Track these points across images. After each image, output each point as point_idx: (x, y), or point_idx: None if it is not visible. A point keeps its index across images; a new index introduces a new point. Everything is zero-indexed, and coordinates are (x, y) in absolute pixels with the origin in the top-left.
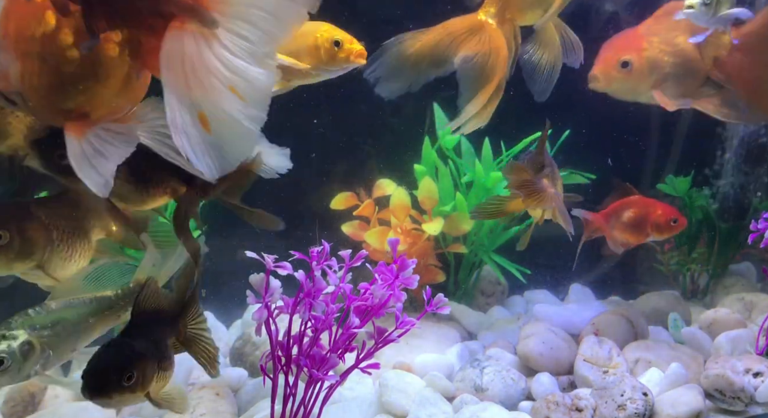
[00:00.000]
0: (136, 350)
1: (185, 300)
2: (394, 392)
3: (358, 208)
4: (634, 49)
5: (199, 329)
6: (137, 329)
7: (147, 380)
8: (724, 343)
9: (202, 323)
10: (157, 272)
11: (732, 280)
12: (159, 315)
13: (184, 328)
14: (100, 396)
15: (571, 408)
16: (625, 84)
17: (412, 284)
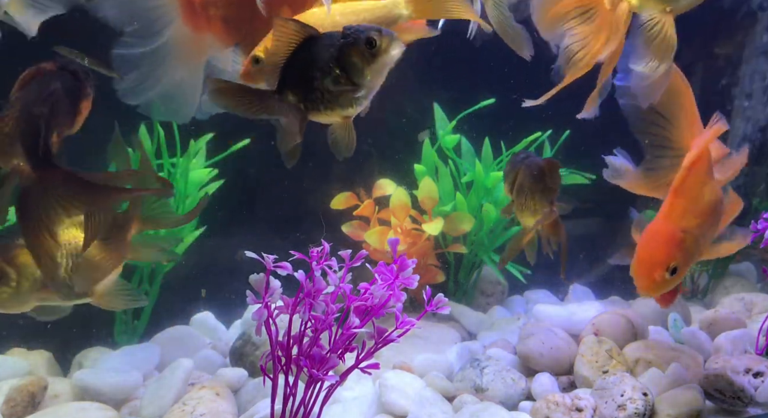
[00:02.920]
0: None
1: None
2: (394, 392)
3: (358, 208)
4: (675, 248)
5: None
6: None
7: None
8: (724, 343)
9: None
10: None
11: (732, 280)
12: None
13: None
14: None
15: (571, 408)
16: (678, 279)
17: (412, 284)
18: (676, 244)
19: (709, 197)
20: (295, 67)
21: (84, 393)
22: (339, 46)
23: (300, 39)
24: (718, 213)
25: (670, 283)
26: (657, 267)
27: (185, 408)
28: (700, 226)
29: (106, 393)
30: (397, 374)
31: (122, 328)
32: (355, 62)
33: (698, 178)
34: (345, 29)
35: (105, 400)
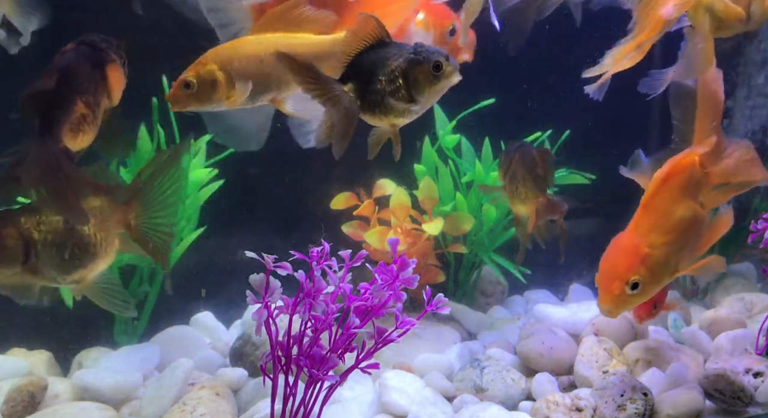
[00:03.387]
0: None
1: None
2: (394, 392)
3: (358, 208)
4: (639, 262)
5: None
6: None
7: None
8: (724, 343)
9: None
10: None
11: (732, 280)
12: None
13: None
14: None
15: (571, 408)
16: (642, 298)
17: (412, 284)
18: (639, 258)
19: (682, 215)
20: (362, 65)
21: (84, 393)
22: (408, 60)
23: (375, 39)
24: (695, 232)
25: (631, 299)
26: (616, 280)
27: (185, 408)
28: (670, 243)
29: (106, 393)
30: (397, 374)
31: (122, 328)
32: (419, 80)
33: (669, 194)
34: (417, 46)
35: (105, 400)
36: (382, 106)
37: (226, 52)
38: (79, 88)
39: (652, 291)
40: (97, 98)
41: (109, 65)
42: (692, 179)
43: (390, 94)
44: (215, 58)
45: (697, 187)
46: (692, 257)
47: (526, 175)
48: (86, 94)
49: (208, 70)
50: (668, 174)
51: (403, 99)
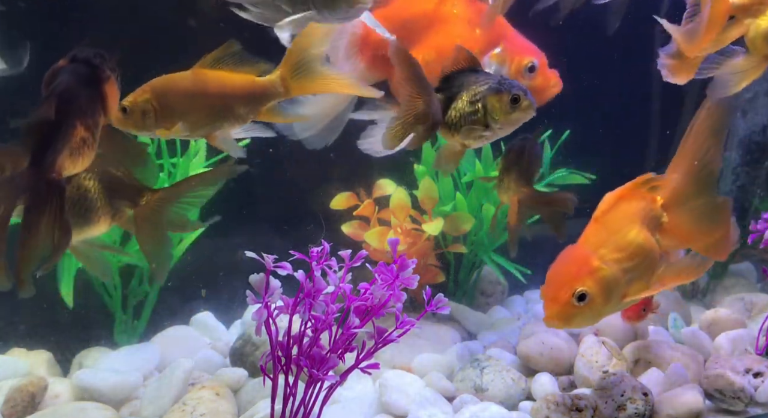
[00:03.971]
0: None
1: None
2: (394, 392)
3: (358, 208)
4: (586, 274)
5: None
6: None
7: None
8: (724, 343)
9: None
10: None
11: (732, 280)
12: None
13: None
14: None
15: (571, 408)
16: (587, 316)
17: (412, 284)
18: (589, 269)
19: (634, 238)
20: (451, 84)
21: (84, 393)
22: (491, 88)
23: (467, 65)
24: (647, 261)
25: (578, 313)
26: (563, 288)
27: (185, 408)
28: (620, 262)
29: (106, 393)
30: (397, 374)
31: (122, 328)
32: (497, 109)
33: (622, 214)
34: (502, 77)
35: (105, 400)
36: (458, 125)
37: (163, 84)
38: (79, 111)
39: (599, 310)
40: (96, 119)
41: (105, 83)
42: (648, 211)
43: (468, 115)
44: (153, 89)
45: (654, 221)
46: (642, 288)
47: (511, 166)
48: (85, 117)
49: (144, 99)
50: (622, 194)
51: (479, 123)
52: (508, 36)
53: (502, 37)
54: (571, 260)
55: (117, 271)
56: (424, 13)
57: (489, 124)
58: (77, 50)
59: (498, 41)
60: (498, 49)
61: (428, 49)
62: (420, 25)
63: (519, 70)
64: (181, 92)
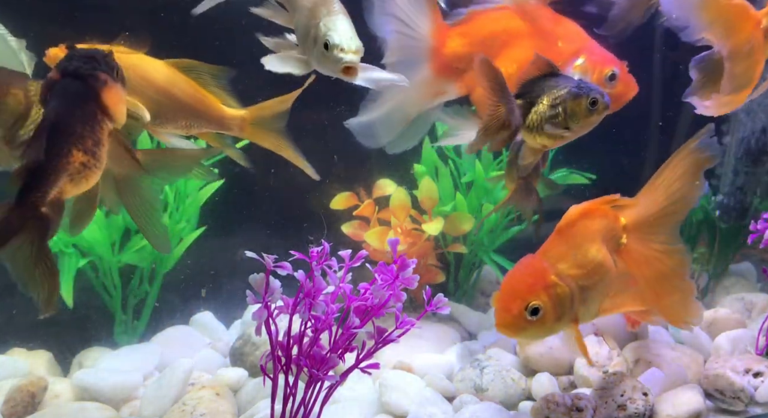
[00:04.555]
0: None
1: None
2: (394, 392)
3: (358, 208)
4: (542, 288)
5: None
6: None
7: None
8: (724, 343)
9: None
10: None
11: (732, 280)
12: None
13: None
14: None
15: (571, 408)
16: (537, 331)
17: (412, 284)
18: (545, 284)
19: (595, 257)
20: (532, 88)
21: (84, 393)
22: (571, 92)
23: (548, 70)
24: (605, 283)
25: (529, 327)
26: (517, 299)
27: (185, 408)
28: (578, 279)
29: (106, 393)
30: (397, 374)
31: (122, 328)
32: (576, 111)
33: (586, 230)
34: (581, 81)
35: (105, 400)
36: (540, 126)
37: (137, 67)
38: (72, 140)
39: (550, 326)
40: (97, 136)
41: (102, 91)
42: (610, 229)
43: (549, 118)
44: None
45: (613, 241)
46: (593, 311)
47: (512, 160)
48: (83, 141)
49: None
50: (587, 210)
51: (559, 125)
52: (588, 47)
53: (583, 49)
54: (528, 271)
55: (117, 271)
56: (506, 29)
57: (569, 125)
58: (65, 60)
59: (580, 52)
60: (580, 60)
61: (510, 62)
62: (502, 41)
63: (601, 80)
64: (153, 81)
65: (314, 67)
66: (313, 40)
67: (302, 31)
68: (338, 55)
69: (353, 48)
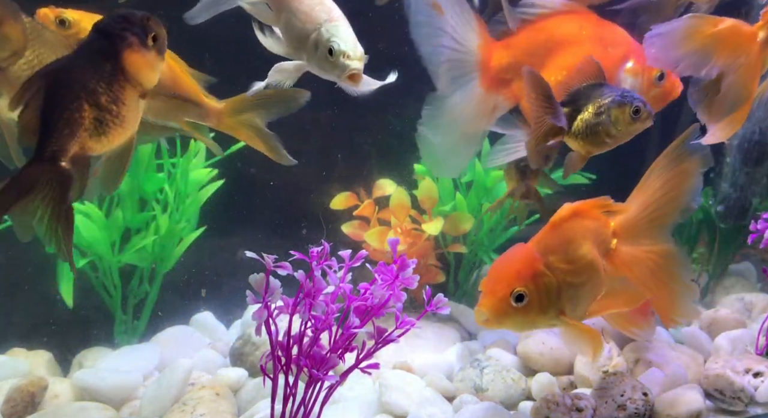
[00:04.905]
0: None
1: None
2: (394, 392)
3: (358, 208)
4: (530, 276)
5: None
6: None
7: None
8: (724, 343)
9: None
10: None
11: (732, 280)
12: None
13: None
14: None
15: (571, 408)
16: (521, 320)
17: (412, 284)
18: (533, 272)
19: (586, 255)
20: (578, 96)
21: (84, 393)
22: (615, 101)
23: (595, 78)
24: (594, 283)
25: (512, 314)
26: (502, 283)
27: (185, 408)
28: (567, 274)
29: (106, 393)
30: (397, 374)
31: (122, 328)
32: (620, 119)
33: (579, 228)
34: (624, 91)
35: (105, 400)
36: (584, 133)
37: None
38: (82, 93)
39: (533, 318)
40: (114, 95)
41: (125, 51)
42: (599, 233)
43: (593, 125)
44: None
45: (603, 245)
46: (580, 312)
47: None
48: (95, 96)
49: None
50: (580, 209)
51: (603, 132)
52: (635, 50)
53: (630, 52)
54: (518, 258)
55: (117, 271)
56: (551, 37)
57: (612, 133)
58: (104, 18)
59: (628, 56)
60: (630, 63)
61: (558, 69)
62: (547, 49)
63: (650, 80)
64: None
65: (312, 71)
66: (314, 46)
67: (296, 34)
68: (345, 62)
69: (358, 55)
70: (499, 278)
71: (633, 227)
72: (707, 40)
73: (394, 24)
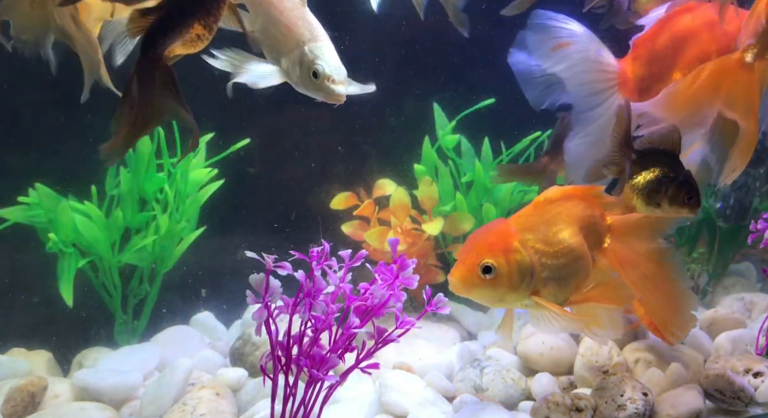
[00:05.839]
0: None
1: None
2: (394, 392)
3: (358, 208)
4: (501, 249)
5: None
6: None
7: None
8: (724, 343)
9: None
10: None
11: (732, 280)
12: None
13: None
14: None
15: (571, 408)
16: (489, 293)
17: (412, 284)
18: (505, 246)
19: (566, 240)
20: (650, 155)
21: (84, 393)
22: (677, 183)
23: (673, 147)
24: (574, 269)
25: (479, 285)
26: (473, 253)
27: (185, 408)
28: (541, 255)
29: (106, 393)
30: (397, 374)
31: (122, 328)
32: (674, 198)
33: (564, 212)
34: (689, 174)
35: (105, 400)
36: (639, 190)
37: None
38: (199, 12)
39: (502, 293)
40: (219, 13)
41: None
42: (593, 223)
43: (650, 190)
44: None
45: (594, 236)
46: (560, 297)
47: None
48: (207, 16)
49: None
50: (570, 193)
51: (654, 200)
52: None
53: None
54: (494, 230)
55: (117, 271)
56: (673, 36)
57: (663, 206)
58: None
59: (738, 31)
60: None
61: (691, 62)
62: (675, 47)
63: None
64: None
65: (290, 82)
66: (296, 62)
67: (275, 45)
68: (329, 87)
69: (342, 78)
70: (471, 248)
71: (629, 224)
72: (695, 96)
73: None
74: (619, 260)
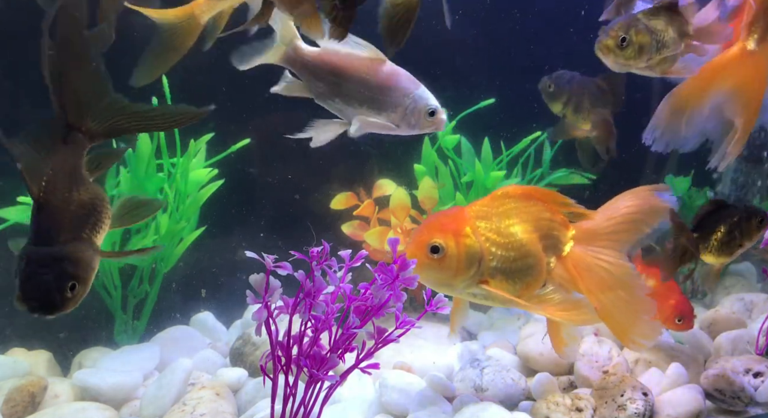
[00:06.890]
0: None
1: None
2: (394, 392)
3: (358, 208)
4: (451, 232)
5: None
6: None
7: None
8: (724, 343)
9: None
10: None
11: (732, 280)
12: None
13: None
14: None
15: (571, 408)
16: (436, 274)
17: (412, 284)
18: (456, 229)
19: (518, 235)
20: (706, 222)
21: (84, 393)
22: (743, 217)
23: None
24: (525, 266)
25: (427, 264)
26: (425, 232)
27: (185, 408)
28: (491, 244)
29: (106, 393)
30: (397, 374)
31: (122, 328)
32: (749, 230)
33: (522, 210)
34: (746, 205)
35: (105, 400)
36: (720, 249)
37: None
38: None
39: (449, 276)
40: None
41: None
42: (551, 229)
43: (728, 242)
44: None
45: (552, 241)
46: (510, 291)
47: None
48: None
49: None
50: (530, 194)
51: (735, 245)
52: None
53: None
54: (448, 213)
55: (117, 271)
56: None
57: (744, 243)
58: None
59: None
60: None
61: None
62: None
63: None
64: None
65: (396, 130)
66: (410, 110)
67: (374, 103)
68: (441, 119)
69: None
70: (423, 228)
71: (594, 233)
72: (700, 94)
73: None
74: (578, 269)
